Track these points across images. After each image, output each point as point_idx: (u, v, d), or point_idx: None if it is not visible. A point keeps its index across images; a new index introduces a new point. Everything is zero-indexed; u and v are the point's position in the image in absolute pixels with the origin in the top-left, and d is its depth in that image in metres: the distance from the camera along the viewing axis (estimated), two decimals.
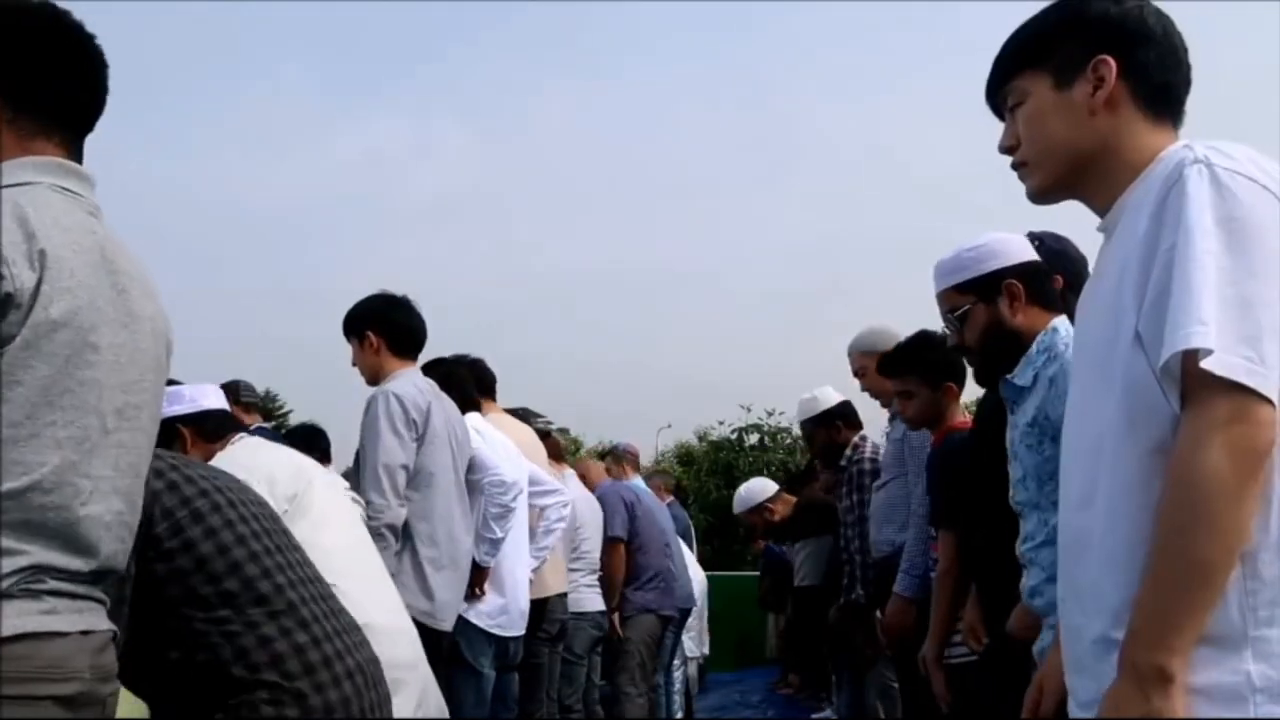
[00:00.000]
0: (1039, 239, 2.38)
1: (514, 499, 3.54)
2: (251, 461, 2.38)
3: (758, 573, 8.86)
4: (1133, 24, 1.30)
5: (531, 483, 3.84)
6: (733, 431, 15.73)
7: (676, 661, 6.06)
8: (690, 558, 6.26)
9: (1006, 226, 2.35)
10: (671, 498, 7.38)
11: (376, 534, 2.82)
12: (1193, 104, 1.34)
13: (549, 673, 4.25)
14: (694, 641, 6.87)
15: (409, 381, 3.22)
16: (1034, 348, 2.05)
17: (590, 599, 4.68)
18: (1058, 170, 1.35)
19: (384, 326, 3.30)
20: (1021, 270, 2.13)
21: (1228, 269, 1.08)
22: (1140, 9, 1.32)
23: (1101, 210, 1.33)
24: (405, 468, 3.07)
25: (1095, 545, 1.20)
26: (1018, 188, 1.40)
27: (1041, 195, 1.39)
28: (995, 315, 2.12)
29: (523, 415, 4.47)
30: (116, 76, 1.49)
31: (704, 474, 15.93)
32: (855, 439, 4.11)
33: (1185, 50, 1.33)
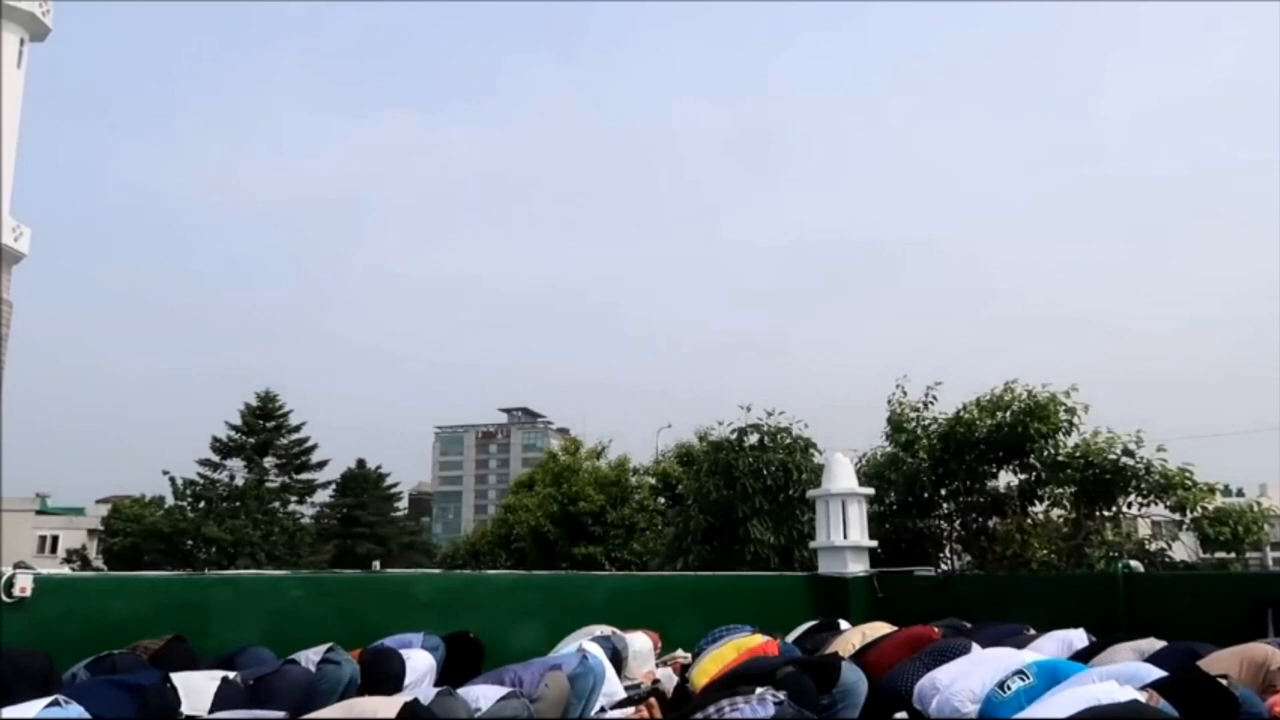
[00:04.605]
0: None
1: None
2: None
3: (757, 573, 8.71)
4: None
5: None
6: (733, 431, 15.67)
7: None
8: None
9: (996, 222, 2.34)
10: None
11: None
12: (1195, 104, 1.34)
13: None
14: None
15: None
16: None
17: None
18: None
19: None
20: None
21: None
22: None
23: None
24: None
25: None
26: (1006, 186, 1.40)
27: None
28: None
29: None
30: (129, 79, 1.47)
31: (704, 474, 15.87)
32: None
33: None
